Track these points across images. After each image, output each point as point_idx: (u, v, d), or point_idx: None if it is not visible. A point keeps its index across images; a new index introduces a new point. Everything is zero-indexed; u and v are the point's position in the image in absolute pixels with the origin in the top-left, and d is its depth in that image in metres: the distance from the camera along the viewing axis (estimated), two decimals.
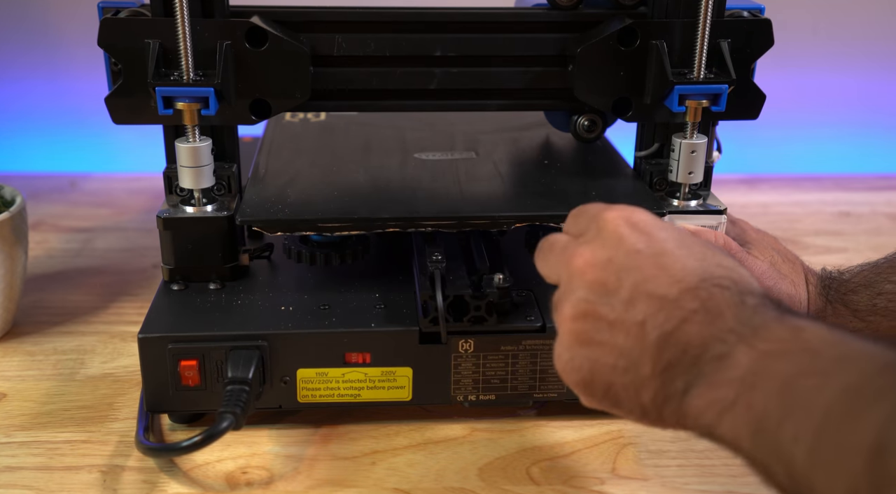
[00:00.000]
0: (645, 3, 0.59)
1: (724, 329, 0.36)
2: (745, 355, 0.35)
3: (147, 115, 0.56)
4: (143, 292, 0.74)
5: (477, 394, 0.56)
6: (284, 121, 0.76)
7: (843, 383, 0.31)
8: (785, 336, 0.35)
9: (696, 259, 0.39)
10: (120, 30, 0.54)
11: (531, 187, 0.62)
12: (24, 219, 0.65)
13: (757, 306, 0.36)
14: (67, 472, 0.52)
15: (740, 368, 0.35)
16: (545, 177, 0.64)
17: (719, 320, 0.36)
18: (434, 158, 0.67)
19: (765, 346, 0.35)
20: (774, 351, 0.34)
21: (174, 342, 0.52)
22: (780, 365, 0.34)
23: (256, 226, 0.55)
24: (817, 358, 0.33)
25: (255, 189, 0.60)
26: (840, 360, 0.33)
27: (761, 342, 0.35)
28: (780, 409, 0.33)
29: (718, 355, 0.36)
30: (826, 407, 0.31)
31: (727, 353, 0.35)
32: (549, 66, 0.60)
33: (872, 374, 0.31)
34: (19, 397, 0.59)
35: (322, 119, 0.77)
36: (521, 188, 0.62)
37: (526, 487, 0.52)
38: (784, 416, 0.33)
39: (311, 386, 0.54)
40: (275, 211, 0.56)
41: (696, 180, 0.60)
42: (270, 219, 0.55)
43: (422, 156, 0.67)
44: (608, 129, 0.67)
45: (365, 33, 0.58)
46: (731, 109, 0.58)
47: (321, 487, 0.51)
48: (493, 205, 0.59)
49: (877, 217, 0.95)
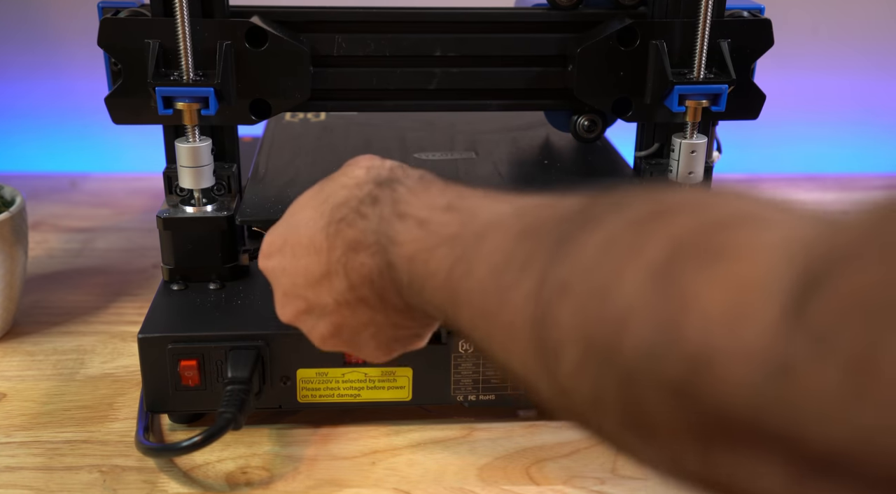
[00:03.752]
0: (645, 3, 0.59)
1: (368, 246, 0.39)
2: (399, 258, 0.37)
3: (147, 115, 0.56)
4: (143, 292, 0.74)
5: (477, 394, 0.56)
6: (284, 122, 0.76)
7: (487, 263, 0.32)
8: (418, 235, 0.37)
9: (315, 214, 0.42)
10: (120, 30, 0.54)
11: (531, 188, 0.62)
12: (24, 219, 0.65)
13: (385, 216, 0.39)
14: (67, 472, 0.52)
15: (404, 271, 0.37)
16: (545, 177, 0.64)
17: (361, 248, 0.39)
18: (434, 158, 0.67)
19: (405, 250, 0.37)
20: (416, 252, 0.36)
21: (174, 342, 0.52)
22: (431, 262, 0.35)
23: (256, 227, 0.55)
24: (458, 239, 0.35)
25: (255, 189, 0.60)
26: (479, 237, 0.33)
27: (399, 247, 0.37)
28: (450, 303, 0.34)
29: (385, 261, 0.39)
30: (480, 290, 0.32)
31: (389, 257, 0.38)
32: (548, 66, 0.60)
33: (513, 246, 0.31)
34: (19, 397, 0.59)
35: (322, 119, 0.77)
36: (521, 189, 0.62)
37: (526, 487, 0.52)
38: (454, 308, 0.34)
39: (311, 386, 0.54)
40: (275, 211, 0.56)
41: (696, 180, 0.60)
42: (271, 219, 0.55)
43: (421, 156, 0.67)
44: (608, 129, 0.67)
45: (365, 33, 0.58)
46: (731, 109, 0.58)
47: (321, 487, 0.51)
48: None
49: None
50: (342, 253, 0.40)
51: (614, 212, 0.28)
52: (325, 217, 0.41)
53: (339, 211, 0.41)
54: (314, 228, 0.41)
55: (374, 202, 0.40)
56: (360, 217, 0.40)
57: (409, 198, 0.39)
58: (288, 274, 0.43)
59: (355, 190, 0.41)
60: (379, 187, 0.41)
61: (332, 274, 0.41)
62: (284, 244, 0.43)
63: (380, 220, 0.39)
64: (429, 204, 0.38)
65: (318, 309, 0.42)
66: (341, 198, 0.41)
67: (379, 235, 0.39)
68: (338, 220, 0.41)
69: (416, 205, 0.38)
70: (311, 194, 0.44)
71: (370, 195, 0.40)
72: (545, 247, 0.29)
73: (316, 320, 0.43)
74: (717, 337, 0.22)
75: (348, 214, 0.40)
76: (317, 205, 0.42)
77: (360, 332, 0.42)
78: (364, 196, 0.41)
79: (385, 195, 0.40)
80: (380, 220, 0.39)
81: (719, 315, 0.22)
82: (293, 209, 0.44)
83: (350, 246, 0.40)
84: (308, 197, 0.44)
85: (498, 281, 0.31)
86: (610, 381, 0.26)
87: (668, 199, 0.28)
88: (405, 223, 0.38)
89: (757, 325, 0.21)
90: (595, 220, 0.28)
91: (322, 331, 0.43)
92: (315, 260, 0.41)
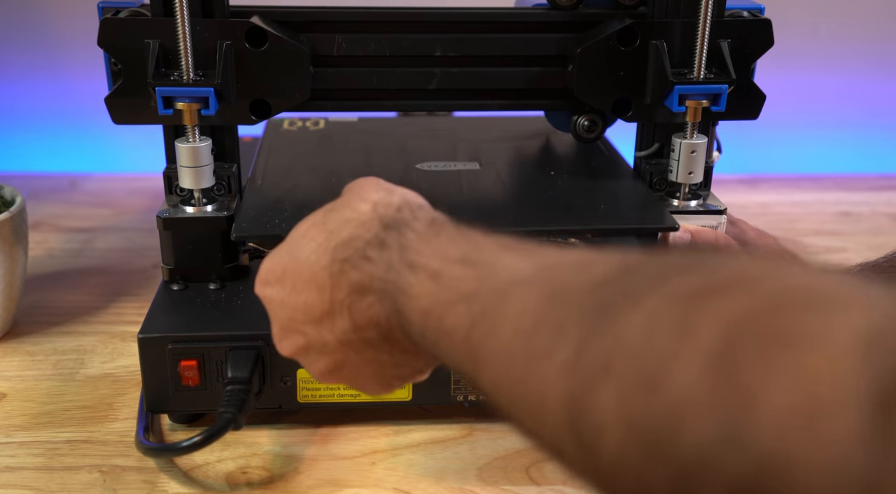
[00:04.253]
0: (645, 3, 0.59)
1: (375, 295, 0.38)
2: (412, 311, 0.36)
3: (147, 115, 0.56)
4: (143, 292, 0.74)
5: (477, 394, 0.56)
6: (282, 130, 0.74)
7: (513, 326, 0.30)
8: (431, 289, 0.35)
9: (317, 248, 0.41)
10: (120, 30, 0.54)
11: (535, 198, 0.61)
12: (24, 219, 0.65)
13: (393, 264, 0.37)
14: (67, 472, 0.52)
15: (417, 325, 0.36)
16: (550, 186, 0.62)
17: (368, 292, 0.38)
18: (436, 169, 0.65)
19: (417, 305, 0.35)
20: (430, 306, 0.35)
21: (174, 342, 0.52)
22: (447, 318, 0.34)
23: (252, 243, 0.54)
24: (476, 297, 0.33)
25: (252, 202, 0.58)
26: (502, 296, 0.31)
27: (410, 299, 0.36)
28: (470, 362, 0.32)
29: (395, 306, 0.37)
30: (505, 353, 0.30)
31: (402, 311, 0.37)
32: (548, 66, 0.60)
33: (543, 310, 0.29)
34: (19, 397, 0.59)
35: (321, 127, 0.75)
36: (525, 200, 0.61)
37: (526, 487, 0.52)
38: (475, 368, 0.32)
39: (311, 386, 0.54)
40: (272, 226, 0.54)
41: (696, 180, 0.60)
42: (267, 235, 0.54)
43: (423, 167, 0.66)
44: (608, 129, 0.67)
45: (365, 33, 0.58)
46: (731, 109, 0.58)
47: (321, 487, 0.51)
48: (497, 218, 0.57)
49: (876, 217, 0.95)
50: (346, 294, 0.39)
51: (657, 285, 0.26)
52: (329, 254, 0.40)
53: (344, 250, 0.39)
54: (317, 264, 0.40)
55: (381, 246, 0.38)
56: (367, 261, 0.38)
57: (419, 245, 0.37)
58: (287, 307, 0.42)
59: (361, 229, 0.40)
60: (386, 230, 0.39)
61: (335, 313, 0.39)
62: (284, 274, 0.42)
63: (388, 268, 0.37)
64: (441, 254, 0.36)
65: (319, 347, 0.41)
66: (346, 236, 0.40)
67: (387, 283, 0.37)
68: (342, 260, 0.39)
69: (426, 254, 0.37)
70: (313, 222, 0.42)
71: (377, 238, 0.39)
72: (580, 315, 0.28)
73: (316, 356, 0.42)
74: (791, 439, 0.20)
75: (353, 256, 0.39)
76: (320, 237, 0.41)
77: (362, 370, 0.41)
78: (371, 238, 0.39)
79: (393, 240, 0.38)
80: (388, 268, 0.37)
81: (791, 413, 0.20)
82: (294, 236, 0.43)
83: (355, 288, 0.39)
84: (310, 225, 0.42)
85: (526, 346, 0.29)
86: (659, 474, 0.24)
87: (715, 271, 0.26)
88: (416, 274, 0.36)
89: (836, 430, 0.20)
90: (635, 293, 0.26)
91: (322, 368, 0.42)
92: (317, 297, 0.40)
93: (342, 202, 0.42)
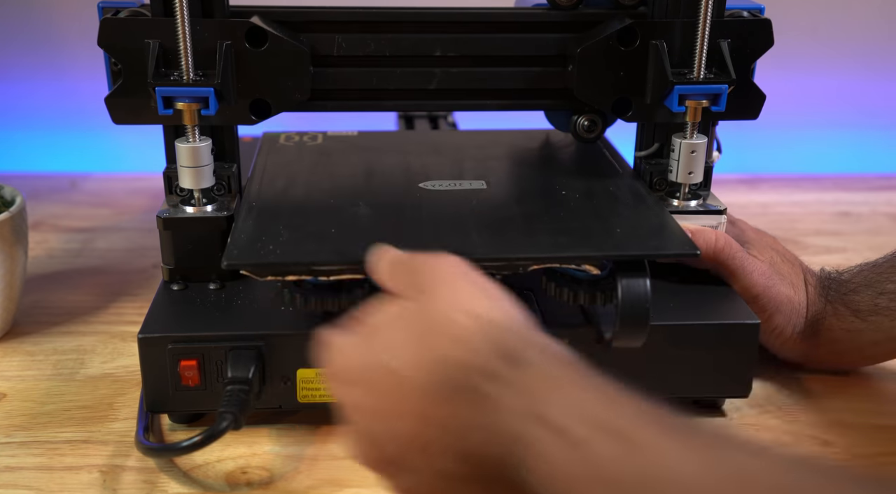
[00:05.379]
0: (645, 3, 0.59)
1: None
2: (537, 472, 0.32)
3: (147, 115, 0.56)
4: (143, 292, 0.74)
5: None
6: (278, 145, 0.71)
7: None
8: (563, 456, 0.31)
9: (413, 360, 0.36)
10: (120, 30, 0.54)
11: (549, 222, 0.56)
12: (24, 219, 0.65)
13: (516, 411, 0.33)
14: (67, 472, 0.52)
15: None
16: (562, 208, 0.58)
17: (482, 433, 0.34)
18: (441, 189, 0.61)
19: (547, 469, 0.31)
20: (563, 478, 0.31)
21: (174, 342, 0.52)
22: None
23: (245, 271, 0.50)
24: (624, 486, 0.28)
25: (244, 227, 0.54)
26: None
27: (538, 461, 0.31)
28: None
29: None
30: None
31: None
32: (548, 66, 0.60)
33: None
34: (19, 397, 0.59)
35: (319, 142, 0.72)
36: (539, 224, 0.56)
37: None
38: None
39: (311, 386, 0.54)
40: (265, 253, 0.50)
41: (696, 180, 0.60)
42: (260, 263, 0.50)
43: (427, 186, 0.62)
44: (608, 129, 0.67)
45: (365, 33, 0.58)
46: (731, 109, 0.58)
47: (321, 487, 0.52)
48: (506, 244, 0.53)
49: (876, 217, 0.95)
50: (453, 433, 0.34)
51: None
52: (428, 375, 0.35)
53: (451, 379, 0.34)
54: (412, 385, 0.35)
55: (495, 379, 0.34)
56: (481, 398, 0.34)
57: (549, 394, 0.33)
58: (367, 418, 0.37)
59: (471, 355, 0.35)
60: (503, 361, 0.34)
61: (433, 445, 0.35)
62: (365, 379, 0.37)
63: (510, 414, 0.33)
64: (582, 413, 0.31)
65: (405, 466, 0.37)
66: (452, 362, 0.35)
67: (504, 435, 0.33)
68: (450, 390, 0.34)
69: (560, 406, 0.32)
70: (409, 324, 0.37)
71: (491, 370, 0.34)
72: None
73: (396, 471, 0.38)
74: None
75: (464, 388, 0.34)
76: (417, 348, 0.36)
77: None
78: (482, 366, 0.34)
79: (513, 377, 0.34)
80: (510, 414, 0.33)
81: None
82: (379, 329, 0.38)
83: (466, 425, 0.34)
84: (405, 326, 0.37)
85: None
86: None
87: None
88: (548, 431, 0.32)
89: None
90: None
91: (408, 486, 0.38)
92: (410, 423, 0.35)
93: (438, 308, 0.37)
